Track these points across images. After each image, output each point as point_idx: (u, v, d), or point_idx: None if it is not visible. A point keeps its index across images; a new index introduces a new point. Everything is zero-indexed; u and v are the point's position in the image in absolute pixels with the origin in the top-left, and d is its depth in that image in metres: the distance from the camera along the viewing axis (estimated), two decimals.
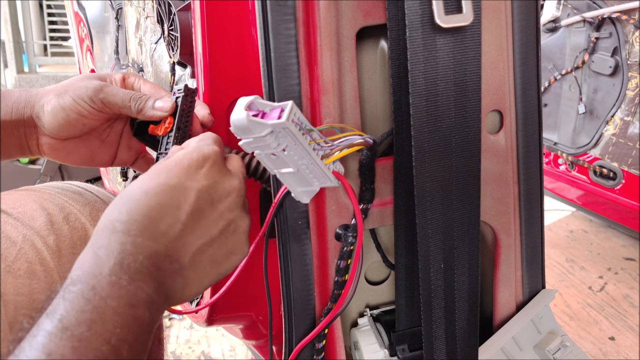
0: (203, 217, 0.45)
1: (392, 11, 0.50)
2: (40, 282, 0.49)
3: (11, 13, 3.51)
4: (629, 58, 1.36)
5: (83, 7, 1.25)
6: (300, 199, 0.50)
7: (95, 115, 0.58)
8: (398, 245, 0.57)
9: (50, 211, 0.55)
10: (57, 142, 0.60)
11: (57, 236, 0.54)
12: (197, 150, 0.47)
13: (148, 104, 0.58)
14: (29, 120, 0.59)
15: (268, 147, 0.44)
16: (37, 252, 0.51)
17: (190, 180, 0.45)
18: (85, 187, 0.64)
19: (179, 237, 0.43)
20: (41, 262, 0.51)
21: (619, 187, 1.43)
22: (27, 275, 0.49)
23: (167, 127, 0.57)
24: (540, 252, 0.61)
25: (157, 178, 0.44)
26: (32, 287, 0.48)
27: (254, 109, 0.44)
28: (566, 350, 0.59)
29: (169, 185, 0.44)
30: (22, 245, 0.50)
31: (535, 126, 0.57)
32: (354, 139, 0.49)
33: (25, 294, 0.48)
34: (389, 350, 0.60)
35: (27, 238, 0.51)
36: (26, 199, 0.56)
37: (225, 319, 0.77)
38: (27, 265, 0.49)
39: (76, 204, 0.58)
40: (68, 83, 0.58)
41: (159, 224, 0.43)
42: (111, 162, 0.64)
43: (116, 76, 0.61)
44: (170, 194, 0.44)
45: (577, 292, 1.61)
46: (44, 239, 0.52)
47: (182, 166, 0.45)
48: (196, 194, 0.45)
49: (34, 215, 0.54)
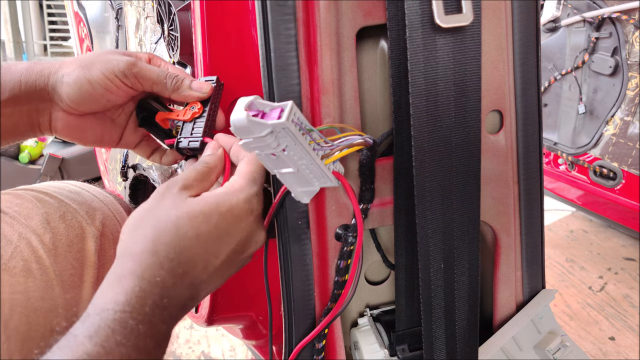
0: (230, 264, 0.47)
1: (392, 11, 0.50)
2: (36, 280, 0.50)
3: (11, 13, 3.51)
4: (629, 58, 1.36)
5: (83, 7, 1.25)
6: (300, 199, 0.50)
7: (123, 90, 0.55)
8: (398, 245, 0.57)
9: (46, 210, 0.55)
10: (73, 119, 0.57)
11: (54, 234, 0.54)
12: (247, 201, 0.47)
13: (185, 82, 0.56)
14: (42, 92, 0.55)
15: (268, 147, 0.44)
16: (32, 250, 0.51)
17: (236, 230, 0.46)
18: (83, 187, 0.63)
19: (206, 281, 0.45)
20: (37, 260, 0.51)
21: (619, 187, 1.43)
22: (22, 274, 0.49)
23: (195, 113, 0.55)
24: (540, 252, 0.61)
25: (210, 222, 0.45)
26: (27, 285, 0.49)
27: (253, 109, 0.44)
28: (566, 350, 0.59)
29: (219, 236, 0.45)
30: (18, 244, 0.50)
31: (535, 126, 0.57)
32: (353, 139, 0.49)
33: (20, 292, 0.48)
34: (389, 350, 0.60)
35: (22, 236, 0.51)
36: (23, 197, 0.56)
37: (225, 319, 0.77)
38: (22, 263, 0.49)
39: (73, 203, 0.58)
40: (93, 56, 0.55)
41: (197, 271, 0.44)
42: (117, 143, 0.62)
43: (142, 55, 0.58)
44: (217, 245, 0.45)
45: (577, 292, 1.61)
46: (40, 237, 0.52)
47: (233, 215, 0.46)
48: (235, 246, 0.47)
49: (30, 214, 0.54)
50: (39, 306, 0.49)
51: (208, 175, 0.50)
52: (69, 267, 0.53)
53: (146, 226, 0.44)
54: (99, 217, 0.59)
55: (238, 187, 0.48)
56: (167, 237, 0.43)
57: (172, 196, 0.45)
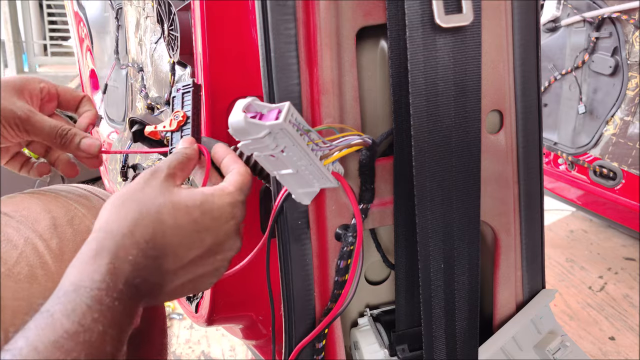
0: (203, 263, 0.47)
1: (392, 11, 0.50)
2: (41, 286, 0.49)
3: (11, 13, 3.51)
4: (629, 58, 1.36)
5: (83, 7, 1.25)
6: (300, 201, 0.50)
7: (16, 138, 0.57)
8: (398, 245, 0.57)
9: (54, 214, 0.55)
10: None
11: (60, 240, 0.53)
12: (232, 205, 0.48)
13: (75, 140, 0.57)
14: None
15: (266, 149, 0.44)
16: (38, 255, 0.50)
17: (214, 230, 0.47)
18: (92, 190, 0.63)
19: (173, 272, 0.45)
20: (42, 265, 0.50)
21: (619, 187, 1.43)
22: (27, 280, 0.48)
23: (180, 121, 0.56)
24: (540, 252, 0.61)
25: (190, 215, 0.45)
26: (31, 291, 0.48)
27: (251, 110, 0.44)
28: (566, 350, 0.59)
29: (196, 231, 0.45)
30: (24, 249, 0.50)
31: (535, 126, 0.57)
32: (352, 139, 0.49)
33: (23, 299, 0.47)
34: (389, 350, 0.60)
35: (28, 241, 0.51)
36: (30, 201, 0.55)
37: (225, 319, 0.77)
38: (27, 269, 0.49)
39: (81, 207, 0.58)
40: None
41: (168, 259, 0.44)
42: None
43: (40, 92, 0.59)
44: (192, 239, 0.45)
45: (577, 292, 1.61)
46: (46, 242, 0.52)
47: (214, 215, 0.46)
48: (210, 245, 0.47)
49: (38, 218, 0.53)
50: None
51: (187, 165, 0.51)
52: None
53: (129, 206, 0.44)
54: None
55: (226, 191, 0.48)
56: (147, 220, 0.43)
57: (158, 183, 0.46)
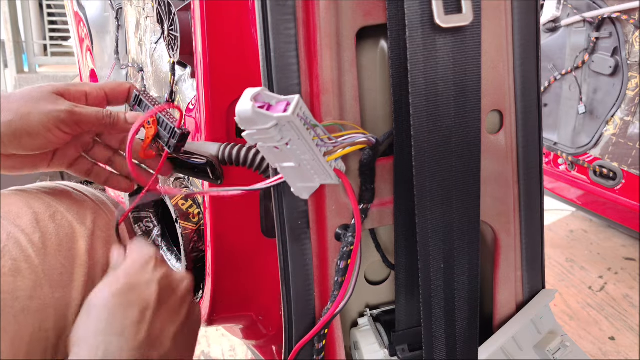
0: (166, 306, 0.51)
1: (392, 11, 0.50)
2: (25, 279, 0.50)
3: (11, 13, 3.51)
4: (629, 58, 1.36)
5: (83, 7, 1.25)
6: (299, 195, 0.50)
7: (64, 137, 0.55)
8: (398, 245, 0.57)
9: (36, 210, 0.56)
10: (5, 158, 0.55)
11: (43, 234, 0.54)
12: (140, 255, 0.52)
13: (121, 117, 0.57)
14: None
15: (271, 140, 0.44)
16: (21, 249, 0.51)
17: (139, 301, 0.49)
18: (74, 187, 0.64)
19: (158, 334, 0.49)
20: (26, 259, 0.51)
21: (619, 187, 1.43)
22: (11, 273, 0.49)
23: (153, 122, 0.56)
24: (540, 252, 0.61)
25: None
26: (16, 284, 0.49)
27: (260, 100, 0.43)
28: (566, 350, 0.59)
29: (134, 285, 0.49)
30: (6, 243, 0.51)
31: (535, 126, 0.57)
32: (357, 137, 0.49)
33: (8, 292, 0.48)
34: (389, 350, 0.60)
35: (11, 236, 0.52)
36: (12, 198, 0.56)
37: (225, 319, 0.77)
38: (11, 262, 0.50)
39: (63, 204, 0.59)
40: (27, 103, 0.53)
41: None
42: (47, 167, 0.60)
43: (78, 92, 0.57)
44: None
45: (577, 292, 1.61)
46: (29, 237, 0.53)
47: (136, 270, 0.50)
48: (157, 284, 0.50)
49: (20, 214, 0.54)
50: (27, 306, 0.49)
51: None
52: (59, 266, 0.53)
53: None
54: (90, 216, 0.59)
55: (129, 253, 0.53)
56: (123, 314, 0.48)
57: None
